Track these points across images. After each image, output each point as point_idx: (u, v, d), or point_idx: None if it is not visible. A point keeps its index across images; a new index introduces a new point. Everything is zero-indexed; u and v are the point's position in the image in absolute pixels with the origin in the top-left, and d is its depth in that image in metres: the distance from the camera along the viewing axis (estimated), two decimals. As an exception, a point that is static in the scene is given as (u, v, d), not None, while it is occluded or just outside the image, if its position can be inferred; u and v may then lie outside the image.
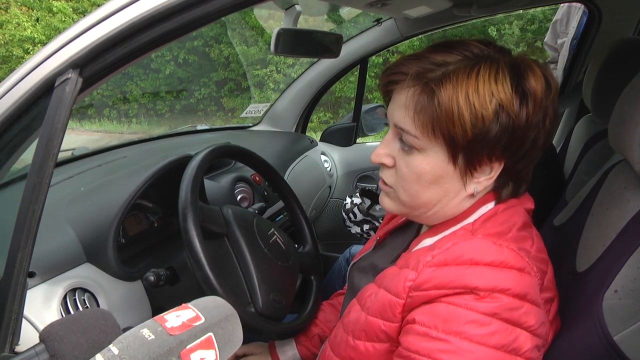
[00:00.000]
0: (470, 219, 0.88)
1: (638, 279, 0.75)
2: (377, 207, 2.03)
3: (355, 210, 2.02)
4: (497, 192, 0.88)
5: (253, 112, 2.72)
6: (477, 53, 0.82)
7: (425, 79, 0.80)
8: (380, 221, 1.96)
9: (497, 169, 0.83)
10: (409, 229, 1.07)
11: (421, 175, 0.84)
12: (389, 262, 0.97)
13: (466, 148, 0.80)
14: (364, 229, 2.03)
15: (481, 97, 0.77)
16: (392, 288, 0.84)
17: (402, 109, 0.84)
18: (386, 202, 0.94)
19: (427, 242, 0.90)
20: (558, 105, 0.85)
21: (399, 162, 0.87)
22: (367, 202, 2.04)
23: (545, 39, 2.88)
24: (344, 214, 2.06)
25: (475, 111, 0.77)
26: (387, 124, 0.94)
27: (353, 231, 2.06)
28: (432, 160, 0.83)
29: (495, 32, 8.97)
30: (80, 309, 1.10)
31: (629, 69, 1.09)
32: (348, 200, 2.06)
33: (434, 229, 0.92)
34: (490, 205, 0.88)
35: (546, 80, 0.81)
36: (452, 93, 0.78)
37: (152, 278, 1.20)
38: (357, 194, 2.06)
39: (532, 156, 0.85)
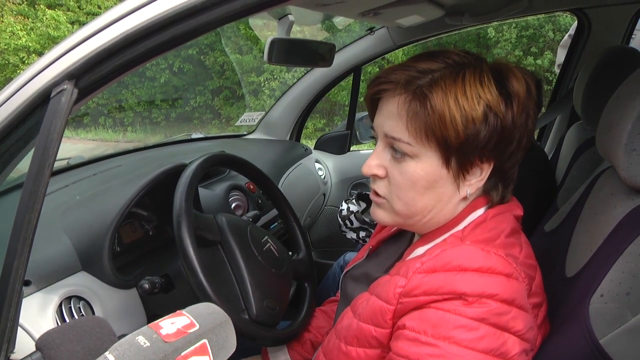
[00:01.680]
0: (460, 226, 0.89)
1: (623, 283, 0.76)
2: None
3: (352, 217, 2.02)
4: (487, 196, 0.90)
5: (248, 120, 2.74)
6: (458, 60, 0.84)
7: (415, 85, 0.82)
8: (377, 228, 1.97)
9: (487, 170, 0.85)
10: (401, 238, 1.08)
11: (416, 181, 0.85)
12: (383, 272, 0.98)
13: (459, 150, 0.82)
14: (360, 236, 2.04)
15: (469, 99, 0.80)
16: (383, 294, 0.85)
17: (393, 117, 0.85)
18: (379, 214, 0.93)
19: (420, 250, 0.91)
20: (546, 107, 0.89)
21: (391, 171, 0.88)
22: (363, 205, 2.04)
23: None
24: (340, 219, 2.06)
25: (466, 113, 0.80)
26: (373, 137, 0.95)
27: (348, 236, 2.06)
28: (426, 166, 0.84)
29: (493, 34, 9.03)
30: (76, 317, 1.10)
31: (617, 76, 1.11)
32: (344, 206, 2.06)
33: (426, 237, 0.93)
34: (480, 211, 0.89)
35: (526, 82, 0.84)
36: (443, 97, 0.80)
37: (146, 286, 1.21)
38: (354, 200, 2.06)
39: (517, 156, 0.87)
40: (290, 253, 1.47)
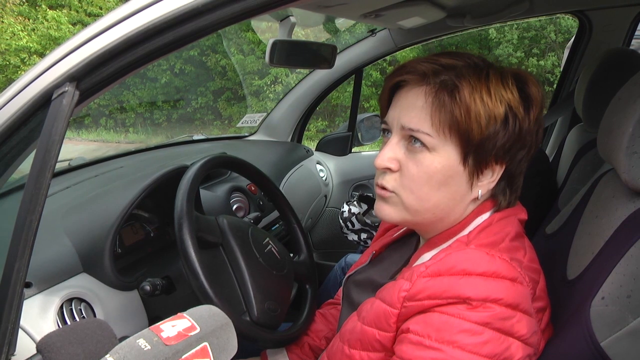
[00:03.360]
0: (466, 231, 0.88)
1: (624, 285, 0.76)
2: (374, 212, 2.03)
3: (353, 219, 2.02)
4: (494, 200, 0.90)
5: (249, 121, 2.74)
6: (478, 62, 0.85)
7: (442, 77, 0.82)
8: (379, 230, 1.96)
9: (498, 172, 0.86)
10: (406, 244, 1.06)
11: (432, 175, 0.84)
12: (388, 278, 0.97)
13: (478, 148, 0.82)
14: (362, 238, 2.04)
15: (493, 97, 0.81)
16: (387, 298, 0.84)
17: (414, 109, 0.84)
18: (386, 209, 0.90)
19: (426, 257, 0.90)
20: (547, 109, 0.90)
21: (406, 164, 0.85)
22: (364, 206, 2.04)
23: None
24: (341, 221, 2.06)
25: (489, 110, 0.80)
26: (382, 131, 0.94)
27: (350, 238, 2.06)
28: (444, 160, 0.83)
29: (495, 35, 9.05)
30: (77, 318, 1.10)
31: (618, 78, 1.11)
32: (346, 207, 2.06)
33: (431, 242, 0.92)
34: (485, 215, 0.89)
35: (541, 92, 0.86)
36: (470, 91, 0.81)
37: (148, 287, 1.21)
38: (355, 202, 2.06)
39: (525, 164, 0.88)
40: (291, 255, 1.47)
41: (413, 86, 0.85)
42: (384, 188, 0.89)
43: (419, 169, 0.84)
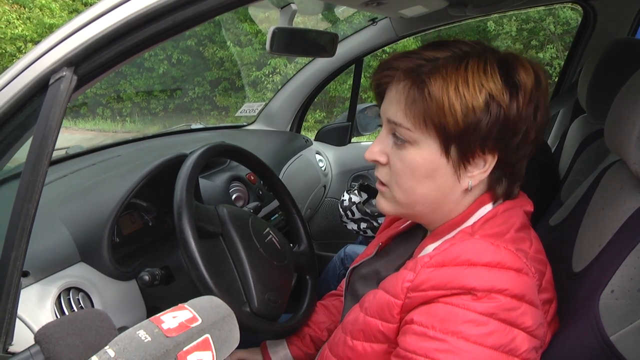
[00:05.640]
0: (469, 222, 0.88)
1: (634, 279, 0.75)
2: (374, 202, 2.03)
3: (353, 208, 2.01)
4: (493, 191, 0.88)
5: (248, 111, 2.72)
6: (466, 50, 0.84)
7: (415, 73, 0.82)
8: (379, 221, 1.95)
9: (490, 162, 0.84)
10: (412, 236, 1.06)
11: (415, 169, 0.84)
12: (393, 271, 0.96)
13: (458, 139, 0.81)
14: (361, 227, 2.03)
15: (471, 88, 0.79)
16: (390, 289, 0.83)
17: (394, 103, 0.85)
18: (382, 203, 0.93)
19: (430, 248, 0.89)
20: (549, 100, 0.87)
21: (392, 158, 0.87)
22: (365, 196, 2.03)
23: None
24: (341, 210, 2.05)
25: (466, 101, 0.79)
26: (380, 125, 0.94)
27: (349, 227, 2.05)
28: (425, 153, 0.83)
29: (493, 27, 9.02)
30: (75, 308, 1.09)
31: (624, 69, 1.10)
32: (346, 196, 2.05)
33: (435, 234, 0.91)
34: (489, 206, 0.88)
35: (536, 74, 0.83)
36: (442, 85, 0.80)
37: (146, 277, 1.19)
38: (356, 191, 2.05)
39: (524, 150, 0.86)
40: (291, 245, 1.46)
41: (394, 81, 0.86)
42: (381, 183, 0.91)
43: (402, 163, 0.86)
